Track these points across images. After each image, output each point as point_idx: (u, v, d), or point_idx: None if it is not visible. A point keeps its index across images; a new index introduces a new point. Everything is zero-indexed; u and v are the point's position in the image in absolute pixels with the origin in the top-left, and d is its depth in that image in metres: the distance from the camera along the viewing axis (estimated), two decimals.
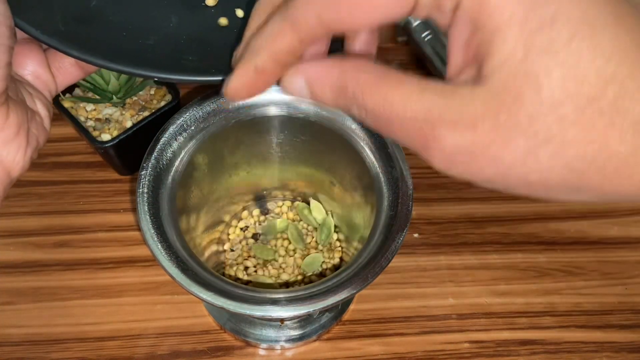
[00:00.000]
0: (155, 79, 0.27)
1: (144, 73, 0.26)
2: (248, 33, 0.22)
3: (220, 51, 0.29)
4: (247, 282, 0.44)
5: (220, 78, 0.27)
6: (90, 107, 0.48)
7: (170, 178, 0.36)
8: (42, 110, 0.29)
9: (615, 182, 0.17)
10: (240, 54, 0.22)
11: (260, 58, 0.20)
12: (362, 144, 0.37)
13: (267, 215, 0.48)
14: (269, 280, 0.44)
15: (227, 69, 0.27)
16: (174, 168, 0.37)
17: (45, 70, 0.29)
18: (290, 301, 0.31)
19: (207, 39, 0.29)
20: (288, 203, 0.48)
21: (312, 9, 0.18)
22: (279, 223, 0.47)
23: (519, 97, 0.16)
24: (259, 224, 0.47)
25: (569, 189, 0.18)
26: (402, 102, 0.18)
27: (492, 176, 0.18)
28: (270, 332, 0.42)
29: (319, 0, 0.18)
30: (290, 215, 0.47)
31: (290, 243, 0.46)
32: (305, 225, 0.47)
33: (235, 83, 0.21)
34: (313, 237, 0.46)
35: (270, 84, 0.21)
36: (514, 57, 0.16)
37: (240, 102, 0.38)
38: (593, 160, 0.16)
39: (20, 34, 0.27)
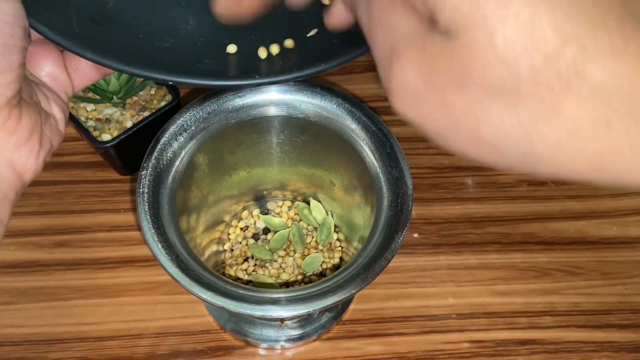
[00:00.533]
0: (170, 83, 0.27)
1: (158, 77, 0.26)
2: None
3: (237, 54, 0.28)
4: (247, 282, 0.44)
5: (235, 83, 0.26)
6: (90, 107, 0.48)
7: (170, 178, 0.36)
8: (58, 113, 0.28)
9: (568, 148, 0.16)
10: None
11: None
12: (362, 144, 0.38)
13: (267, 215, 0.48)
14: (269, 280, 0.44)
15: (243, 73, 0.27)
16: (174, 168, 0.37)
17: (61, 71, 0.28)
18: (290, 301, 0.31)
19: (224, 43, 0.29)
20: (288, 203, 0.48)
21: None
22: (280, 222, 0.47)
23: (474, 49, 0.16)
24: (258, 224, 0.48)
25: (521, 154, 0.17)
26: (396, 19, 0.18)
27: (442, 122, 0.18)
28: (270, 332, 0.42)
29: None
30: (291, 215, 0.47)
31: (290, 243, 0.46)
32: (305, 225, 0.47)
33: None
34: (313, 237, 0.46)
35: (253, 9, 0.24)
36: (463, 9, 0.16)
37: (241, 102, 0.38)
38: (545, 121, 0.16)
39: (36, 34, 0.27)
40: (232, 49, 0.29)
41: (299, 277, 0.44)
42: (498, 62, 0.15)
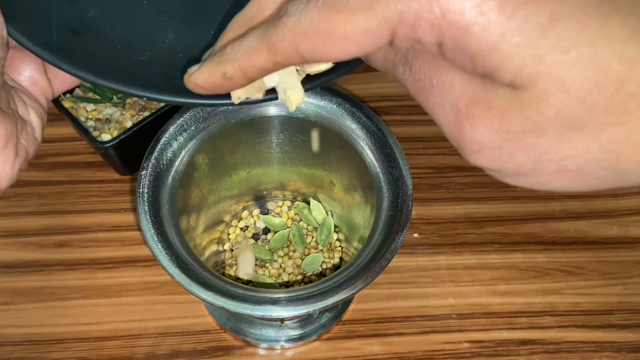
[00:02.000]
0: (144, 99, 0.26)
1: (132, 92, 0.25)
2: (220, 43, 0.22)
3: None
4: (248, 282, 0.44)
5: (209, 101, 0.25)
6: (90, 107, 0.48)
7: (170, 178, 0.36)
8: (35, 120, 0.28)
9: None
10: (211, 54, 0.22)
11: (232, 67, 0.20)
12: (362, 144, 0.38)
13: (267, 215, 0.48)
14: (270, 280, 0.44)
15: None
16: (174, 168, 0.37)
17: (42, 76, 0.28)
18: (290, 301, 0.31)
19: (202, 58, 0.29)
20: (288, 203, 0.48)
21: (292, 37, 0.18)
22: (280, 222, 0.47)
23: (545, 97, 0.16)
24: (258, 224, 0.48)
25: (609, 173, 0.17)
26: (449, 78, 0.18)
27: (524, 164, 0.18)
28: (270, 332, 0.42)
29: (299, 30, 0.18)
30: (291, 215, 0.47)
31: (290, 243, 0.46)
32: (305, 225, 0.47)
33: (200, 80, 0.22)
34: (313, 237, 0.46)
35: (233, 89, 0.22)
36: (527, 66, 0.16)
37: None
38: (628, 140, 0.16)
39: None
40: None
41: (299, 277, 0.44)
42: (572, 102, 0.16)
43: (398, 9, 0.16)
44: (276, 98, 0.25)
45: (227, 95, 0.25)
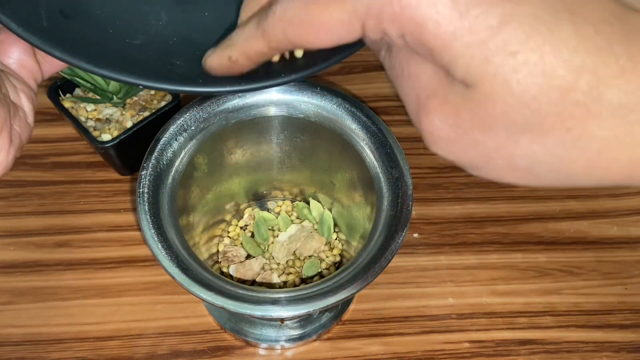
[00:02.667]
0: (140, 87, 0.25)
1: (125, 79, 0.24)
2: (239, 22, 0.24)
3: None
4: (252, 282, 0.44)
5: (206, 89, 0.25)
6: (90, 107, 0.48)
7: (170, 178, 0.36)
8: (26, 104, 0.27)
9: (601, 164, 0.17)
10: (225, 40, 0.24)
11: (235, 52, 0.22)
12: (362, 144, 0.38)
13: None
14: (276, 280, 0.44)
15: (216, 79, 0.26)
16: (174, 168, 0.37)
17: (30, 58, 0.27)
18: (290, 301, 0.31)
19: (198, 41, 0.27)
20: (288, 203, 0.48)
21: (280, 25, 0.20)
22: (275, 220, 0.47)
23: (492, 97, 0.17)
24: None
25: (557, 175, 0.18)
26: (418, 69, 0.19)
27: (476, 158, 0.19)
28: (270, 332, 0.42)
29: (286, 19, 0.20)
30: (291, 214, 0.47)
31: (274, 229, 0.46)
32: (305, 224, 0.47)
33: (212, 63, 0.24)
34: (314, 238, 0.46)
35: (243, 71, 0.24)
36: (475, 66, 0.16)
37: (241, 102, 0.38)
38: (573, 146, 0.17)
39: None
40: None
41: (297, 278, 0.44)
42: (518, 104, 0.16)
43: (365, 2, 0.17)
44: (267, 86, 0.26)
45: (220, 84, 0.25)
